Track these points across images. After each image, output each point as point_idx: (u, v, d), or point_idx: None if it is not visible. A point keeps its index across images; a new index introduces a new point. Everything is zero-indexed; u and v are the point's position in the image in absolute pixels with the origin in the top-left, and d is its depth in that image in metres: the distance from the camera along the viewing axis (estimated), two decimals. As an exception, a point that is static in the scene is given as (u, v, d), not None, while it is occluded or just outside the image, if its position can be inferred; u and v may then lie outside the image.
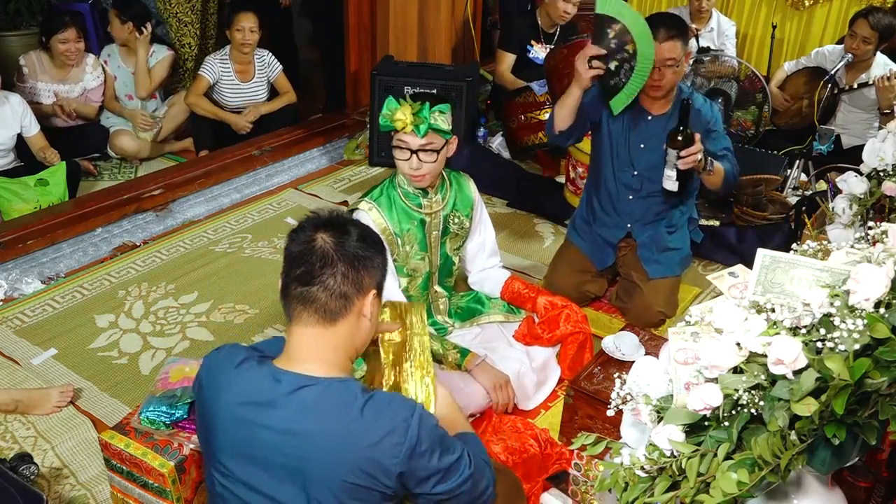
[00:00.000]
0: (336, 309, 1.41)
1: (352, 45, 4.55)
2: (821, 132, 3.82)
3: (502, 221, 3.78)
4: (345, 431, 1.35)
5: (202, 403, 1.49)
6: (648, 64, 2.57)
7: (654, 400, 1.30)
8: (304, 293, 1.40)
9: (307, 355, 1.42)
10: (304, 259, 1.41)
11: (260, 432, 1.38)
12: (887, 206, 2.24)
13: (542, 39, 4.39)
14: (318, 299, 1.40)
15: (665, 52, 2.56)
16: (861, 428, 1.15)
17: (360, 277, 1.43)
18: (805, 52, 4.72)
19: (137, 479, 1.92)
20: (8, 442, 2.35)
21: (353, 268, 1.41)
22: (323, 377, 1.39)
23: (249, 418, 1.39)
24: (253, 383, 1.42)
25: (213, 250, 3.48)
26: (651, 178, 2.80)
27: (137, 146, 4.25)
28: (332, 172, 4.33)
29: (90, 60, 4.14)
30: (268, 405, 1.38)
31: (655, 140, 2.75)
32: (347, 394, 1.38)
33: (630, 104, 2.71)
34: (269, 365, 1.44)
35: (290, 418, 1.36)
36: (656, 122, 2.76)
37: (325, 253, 1.40)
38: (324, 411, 1.36)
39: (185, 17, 4.59)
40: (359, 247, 1.43)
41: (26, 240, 3.27)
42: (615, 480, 1.30)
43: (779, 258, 1.26)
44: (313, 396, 1.37)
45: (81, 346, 2.82)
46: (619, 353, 2.36)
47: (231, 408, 1.41)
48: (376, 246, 1.49)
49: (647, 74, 2.59)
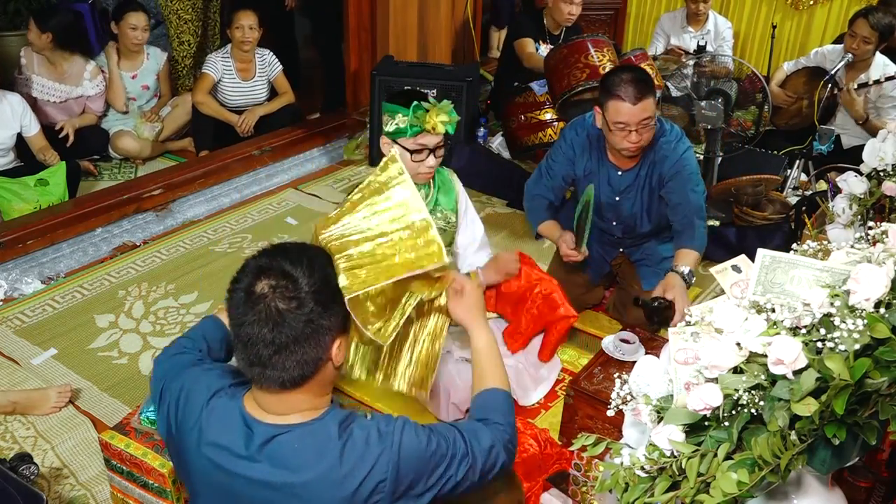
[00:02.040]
0: (300, 379, 1.31)
1: (352, 45, 4.55)
2: (821, 132, 3.81)
3: (502, 221, 3.78)
4: (325, 480, 1.29)
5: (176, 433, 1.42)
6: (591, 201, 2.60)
7: (654, 400, 1.30)
8: (261, 373, 1.31)
9: (278, 410, 1.35)
10: (251, 339, 1.28)
11: (236, 481, 1.34)
12: (887, 206, 2.24)
13: (549, 40, 4.41)
14: (278, 378, 1.30)
15: (639, 114, 2.42)
16: (861, 428, 1.15)
17: (320, 345, 1.32)
18: (805, 52, 4.72)
19: (137, 479, 1.92)
20: (8, 442, 2.35)
21: (310, 339, 1.30)
22: (296, 423, 1.33)
23: (224, 466, 1.34)
24: (225, 430, 1.35)
25: (213, 250, 3.48)
26: (632, 223, 2.78)
27: (139, 146, 4.25)
28: (332, 172, 4.33)
29: (90, 67, 4.12)
30: (244, 458, 1.32)
31: (629, 191, 2.70)
32: (323, 436, 1.32)
33: (599, 159, 2.69)
34: (240, 404, 1.37)
35: (267, 472, 1.31)
36: (627, 175, 2.68)
37: (276, 332, 1.27)
38: (301, 462, 1.30)
39: (185, 15, 4.59)
40: (313, 311, 1.29)
41: (26, 240, 3.27)
42: (615, 481, 1.30)
43: (779, 258, 1.25)
44: (288, 444, 1.31)
45: (81, 346, 2.82)
46: (619, 353, 2.37)
47: (205, 448, 1.36)
48: (332, 292, 1.36)
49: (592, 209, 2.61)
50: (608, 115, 2.48)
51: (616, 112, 2.45)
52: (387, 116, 2.29)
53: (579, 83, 3.57)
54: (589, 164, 2.71)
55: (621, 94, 2.41)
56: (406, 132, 2.24)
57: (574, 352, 2.81)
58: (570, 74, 3.58)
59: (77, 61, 4.08)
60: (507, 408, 1.57)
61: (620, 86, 2.42)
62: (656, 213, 2.75)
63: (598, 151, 2.69)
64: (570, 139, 2.74)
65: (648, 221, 2.77)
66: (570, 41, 3.69)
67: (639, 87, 2.41)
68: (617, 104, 2.43)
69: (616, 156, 2.65)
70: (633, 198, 2.71)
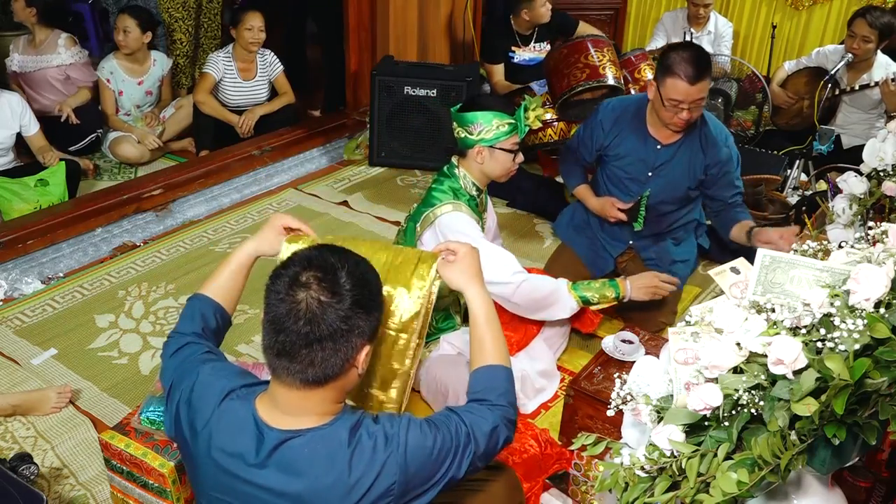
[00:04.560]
0: (323, 378, 1.31)
1: (352, 45, 4.55)
2: (821, 132, 3.81)
3: (502, 221, 3.77)
4: (333, 489, 1.29)
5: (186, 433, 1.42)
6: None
7: (654, 400, 1.30)
8: (287, 366, 1.30)
9: (293, 410, 1.34)
10: (285, 327, 1.29)
11: (244, 486, 1.34)
12: (887, 206, 2.24)
13: (521, 42, 4.42)
14: (303, 372, 1.30)
15: (695, 94, 2.48)
16: (861, 428, 1.15)
17: (351, 345, 1.32)
18: (805, 52, 4.72)
19: (137, 479, 1.92)
20: (8, 442, 2.35)
21: (343, 337, 1.30)
22: (307, 428, 1.33)
23: (234, 471, 1.34)
24: (236, 435, 1.35)
25: (213, 250, 3.48)
26: (654, 204, 2.81)
27: (139, 153, 4.24)
28: (332, 172, 4.33)
29: (63, 36, 4.16)
30: (254, 466, 1.32)
31: (665, 168, 2.73)
32: (334, 443, 1.31)
33: (637, 132, 2.75)
34: (252, 408, 1.36)
35: (275, 478, 1.31)
36: (666, 150, 2.73)
37: (312, 324, 1.28)
38: (309, 468, 1.30)
39: (175, 13, 4.60)
40: (351, 309, 1.30)
41: (26, 240, 3.27)
42: (615, 480, 1.30)
43: (779, 258, 1.26)
44: (298, 450, 1.31)
45: (81, 346, 2.82)
46: (619, 353, 2.36)
47: (214, 453, 1.36)
48: (372, 296, 1.37)
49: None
50: (664, 91, 2.52)
51: (673, 89, 2.49)
52: (478, 125, 2.33)
53: (579, 83, 3.56)
54: (622, 135, 2.76)
55: (680, 72, 2.45)
56: (507, 134, 2.34)
57: (574, 352, 2.80)
58: (570, 74, 3.57)
59: (52, 33, 4.14)
60: (508, 386, 1.54)
61: (681, 64, 2.45)
62: (684, 194, 2.79)
63: (638, 124, 2.73)
64: (601, 117, 2.83)
65: (671, 202, 2.81)
66: (570, 41, 3.68)
67: (698, 67, 2.46)
68: (675, 82, 2.47)
69: (659, 129, 2.69)
70: (667, 175, 2.73)
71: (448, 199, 2.38)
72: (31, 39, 4.12)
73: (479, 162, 2.39)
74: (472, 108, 2.36)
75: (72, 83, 4.20)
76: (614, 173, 2.84)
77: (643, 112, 2.72)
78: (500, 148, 2.36)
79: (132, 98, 4.34)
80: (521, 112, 2.36)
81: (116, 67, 4.25)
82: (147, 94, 4.39)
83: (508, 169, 2.43)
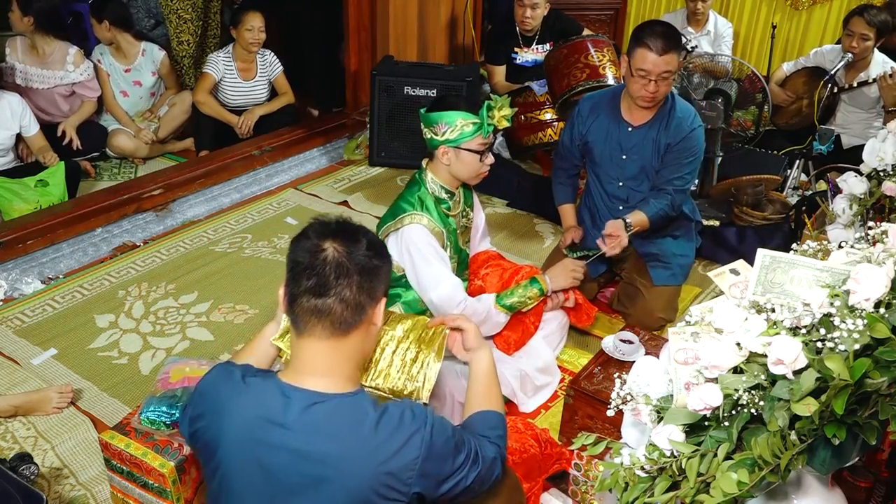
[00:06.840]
0: (350, 320, 1.37)
1: (352, 45, 4.55)
2: (821, 132, 3.81)
3: (502, 221, 3.78)
4: (360, 451, 1.33)
5: (206, 428, 1.44)
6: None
7: (654, 400, 1.30)
8: (318, 305, 1.36)
9: (318, 369, 1.39)
10: (314, 270, 1.36)
11: (273, 452, 1.36)
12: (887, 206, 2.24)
13: (524, 43, 4.41)
14: (334, 311, 1.36)
15: (662, 65, 2.55)
16: (861, 428, 1.15)
17: (373, 286, 1.40)
18: (805, 52, 4.72)
19: (138, 479, 1.92)
20: (8, 442, 2.35)
21: (366, 277, 1.38)
22: (333, 393, 1.37)
23: (262, 437, 1.36)
24: (263, 398, 1.38)
25: (213, 250, 3.48)
26: (636, 188, 2.85)
27: (135, 145, 4.26)
28: (332, 172, 4.33)
29: (72, 51, 4.08)
30: (280, 425, 1.35)
31: (636, 150, 2.79)
32: (359, 411, 1.36)
33: (610, 116, 2.81)
34: (275, 379, 1.41)
35: (304, 440, 1.34)
36: (637, 132, 2.78)
37: (339, 263, 1.36)
38: (337, 431, 1.34)
39: (185, 14, 4.59)
40: (370, 255, 1.40)
41: (26, 240, 3.27)
42: (615, 480, 1.30)
43: (779, 258, 1.26)
44: (325, 415, 1.35)
45: (81, 346, 2.82)
46: (619, 353, 2.37)
47: (244, 421, 1.38)
48: (384, 253, 1.46)
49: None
50: (633, 62, 2.61)
51: (642, 59, 2.57)
52: (442, 125, 2.30)
53: (579, 83, 3.56)
54: (598, 121, 2.84)
55: (650, 43, 2.55)
56: (472, 134, 2.31)
57: (574, 352, 2.80)
58: (570, 74, 3.58)
59: (59, 46, 4.07)
60: (504, 430, 1.62)
61: (651, 36, 2.56)
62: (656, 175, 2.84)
63: (612, 110, 2.82)
64: (579, 107, 2.92)
65: (649, 181, 2.85)
66: (570, 41, 3.69)
67: (667, 40, 2.56)
68: (644, 52, 2.56)
69: (630, 109, 2.76)
70: (639, 157, 2.79)
71: (414, 206, 2.36)
72: (31, 45, 4.04)
73: (445, 163, 2.36)
74: (436, 109, 2.33)
75: (77, 97, 4.18)
76: (592, 158, 2.91)
77: (618, 98, 2.81)
78: (465, 148, 2.32)
79: (117, 84, 4.32)
80: (484, 111, 2.32)
81: (105, 50, 4.31)
82: (136, 84, 4.36)
83: (476, 170, 2.39)
